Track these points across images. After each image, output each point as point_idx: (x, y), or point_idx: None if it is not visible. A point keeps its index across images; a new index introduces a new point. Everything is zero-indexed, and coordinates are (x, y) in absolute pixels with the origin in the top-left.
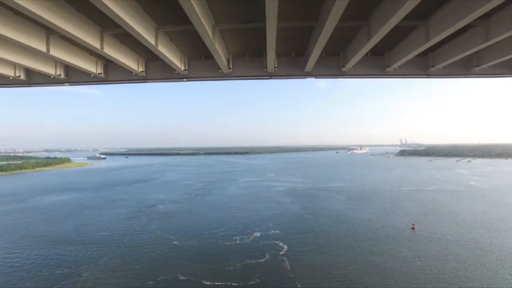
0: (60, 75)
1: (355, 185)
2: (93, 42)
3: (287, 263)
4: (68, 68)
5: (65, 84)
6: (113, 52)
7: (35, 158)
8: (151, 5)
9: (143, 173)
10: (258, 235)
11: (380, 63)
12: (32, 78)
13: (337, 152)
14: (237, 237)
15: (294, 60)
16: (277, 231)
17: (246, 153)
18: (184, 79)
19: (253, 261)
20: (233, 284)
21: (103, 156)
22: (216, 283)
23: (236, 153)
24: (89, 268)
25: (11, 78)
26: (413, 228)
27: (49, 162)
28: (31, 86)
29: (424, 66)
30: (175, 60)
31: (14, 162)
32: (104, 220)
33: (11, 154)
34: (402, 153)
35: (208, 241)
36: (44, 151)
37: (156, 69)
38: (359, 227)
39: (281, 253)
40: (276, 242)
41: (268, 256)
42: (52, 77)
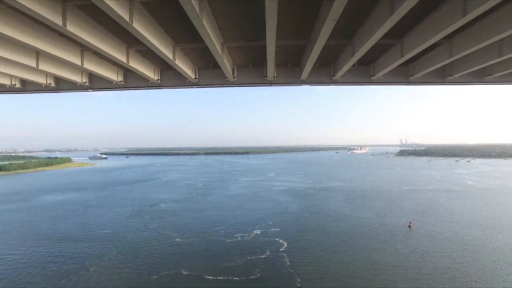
0: (86, 83)
1: (354, 185)
2: (120, 57)
3: (287, 259)
4: (92, 76)
5: (89, 90)
6: (135, 64)
7: (36, 158)
8: (171, 27)
9: (144, 173)
10: (259, 233)
11: (366, 73)
12: (61, 85)
13: (337, 152)
14: (238, 235)
15: (291, 70)
16: (277, 229)
17: (246, 153)
18: (195, 86)
19: (254, 257)
20: (235, 279)
21: (105, 156)
22: (218, 278)
23: (237, 153)
24: (95, 264)
25: (43, 86)
26: (410, 226)
27: (51, 162)
28: (59, 92)
29: (405, 75)
30: (188, 70)
31: (16, 162)
32: (107, 219)
33: (12, 154)
34: (402, 153)
35: (210, 239)
36: (45, 151)
37: (170, 77)
38: (358, 225)
39: (281, 250)
40: (276, 239)
41: (268, 253)
42: (79, 84)
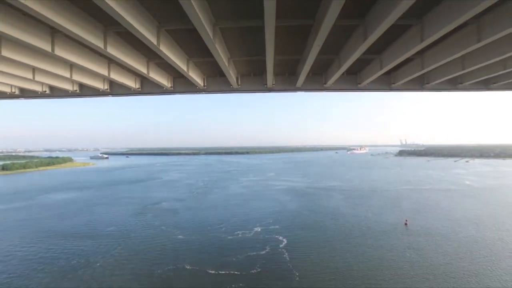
0: (107, 89)
1: (353, 184)
2: (142, 69)
3: (286, 255)
4: (112, 83)
5: (109, 96)
6: (153, 74)
7: (37, 158)
8: (187, 47)
9: (145, 173)
10: (259, 230)
11: (354, 81)
12: (84, 91)
13: (337, 152)
14: (239, 232)
15: (288, 78)
16: (277, 227)
17: (247, 153)
18: (203, 92)
19: (254, 253)
20: (236, 273)
21: (106, 156)
22: (220, 272)
23: (237, 153)
24: (102, 259)
25: (70, 92)
26: (406, 224)
27: (52, 162)
28: (82, 97)
29: (388, 83)
30: (197, 79)
31: (18, 162)
32: (111, 216)
33: (13, 154)
34: (401, 153)
35: (211, 235)
36: (45, 151)
37: (181, 84)
38: (355, 223)
39: (281, 246)
40: (276, 236)
41: (268, 249)
42: (101, 91)
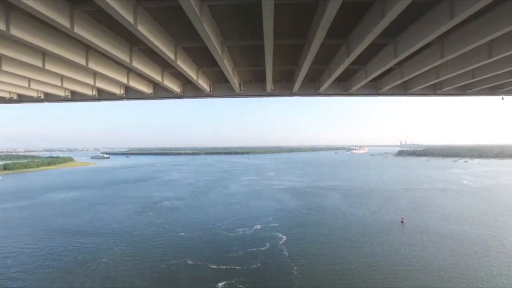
0: (123, 94)
1: (352, 184)
2: (157, 77)
3: (285, 251)
4: (128, 89)
5: (124, 100)
6: (166, 81)
7: (38, 157)
8: (197, 58)
9: (146, 172)
10: (259, 228)
11: (344, 87)
12: (102, 95)
13: (336, 152)
14: (239, 229)
15: (285, 85)
16: (277, 224)
17: (247, 153)
18: (209, 97)
19: (254, 249)
20: (237, 268)
21: (107, 156)
22: (221, 267)
23: (237, 153)
24: (107, 255)
25: (90, 96)
26: (402, 222)
27: (53, 161)
28: (100, 101)
29: (375, 88)
30: (205, 85)
31: (19, 161)
32: (114, 215)
33: (13, 154)
34: (401, 153)
35: (212, 233)
36: (45, 151)
37: (190, 90)
38: (353, 221)
39: (280, 243)
40: (276, 234)
41: (268, 245)
42: (117, 95)
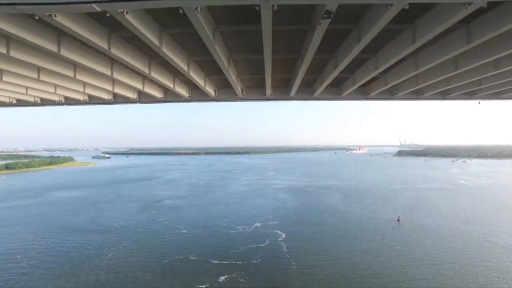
0: (136, 98)
1: (350, 183)
2: (169, 83)
3: (285, 247)
4: (140, 93)
5: (137, 103)
6: (177, 87)
7: (39, 157)
8: (206, 68)
9: (147, 172)
10: (259, 225)
11: (336, 92)
12: (117, 99)
13: (336, 153)
14: (240, 227)
15: (283, 90)
16: (276, 222)
17: (247, 153)
18: (214, 101)
19: (255, 245)
20: (238, 263)
21: (108, 156)
22: (223, 262)
23: (237, 153)
24: (113, 250)
25: (106, 100)
26: (398, 220)
27: (54, 161)
28: (115, 104)
29: (364, 93)
30: (210, 90)
31: (21, 161)
32: (117, 213)
33: (14, 153)
34: (400, 154)
35: (214, 230)
36: (45, 150)
37: (197, 95)
38: (350, 219)
39: (280, 239)
40: (275, 231)
41: (268, 242)
42: (131, 99)
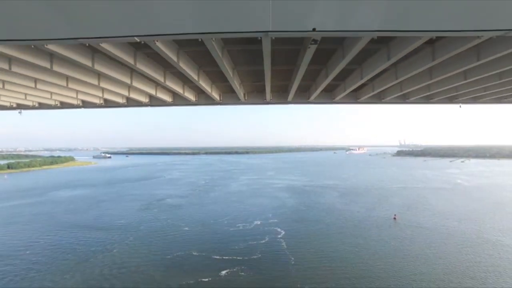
0: (148, 102)
1: (349, 183)
2: (179, 89)
3: (284, 244)
4: (152, 97)
5: (149, 106)
6: (186, 93)
7: (40, 157)
8: (212, 76)
9: (148, 171)
10: (259, 223)
11: (330, 96)
12: (129, 103)
13: (335, 153)
14: (240, 225)
15: (281, 95)
16: (276, 220)
17: (246, 153)
18: (219, 105)
19: (255, 242)
20: (238, 258)
21: (109, 155)
22: (224, 257)
23: (237, 153)
24: (117, 246)
25: (120, 103)
26: (395, 218)
27: (55, 161)
28: (128, 107)
29: (355, 98)
30: (216, 95)
31: (23, 161)
32: (120, 211)
33: (14, 153)
34: (399, 154)
35: (215, 228)
36: (45, 150)
37: (203, 99)
38: (348, 217)
39: (279, 236)
40: (275, 228)
41: (267, 238)
42: (143, 103)
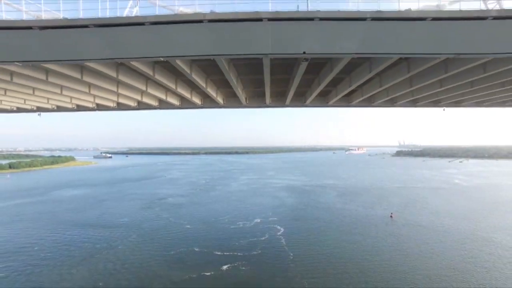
0: (157, 105)
1: (348, 183)
2: (187, 94)
3: (283, 241)
4: (161, 101)
5: (158, 109)
6: (193, 97)
7: (40, 157)
8: (218, 83)
9: (148, 171)
10: (259, 221)
11: (325, 100)
12: (140, 106)
13: (334, 153)
14: (240, 223)
15: (279, 99)
16: (275, 218)
17: (246, 153)
18: (222, 107)
19: (255, 239)
20: (239, 254)
21: (109, 155)
22: (225, 253)
23: (237, 153)
24: (121, 243)
25: (132, 106)
26: (391, 216)
27: (56, 161)
28: (139, 110)
29: (347, 101)
30: (220, 99)
31: (24, 160)
32: (122, 210)
33: (14, 153)
34: (399, 154)
35: (216, 226)
36: (45, 150)
37: (208, 102)
38: (346, 216)
39: (279, 234)
40: (274, 226)
41: (267, 236)
42: (153, 106)
